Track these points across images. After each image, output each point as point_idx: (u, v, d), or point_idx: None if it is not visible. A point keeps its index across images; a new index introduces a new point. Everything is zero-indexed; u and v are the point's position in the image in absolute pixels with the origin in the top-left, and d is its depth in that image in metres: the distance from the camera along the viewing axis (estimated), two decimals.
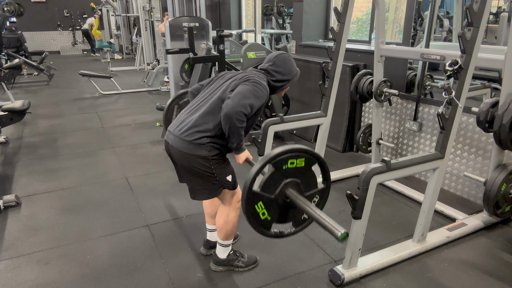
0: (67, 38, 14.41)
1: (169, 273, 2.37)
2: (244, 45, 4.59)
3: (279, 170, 1.68)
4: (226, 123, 1.92)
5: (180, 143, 2.03)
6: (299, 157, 1.71)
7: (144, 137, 4.94)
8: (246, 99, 1.94)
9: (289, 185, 1.72)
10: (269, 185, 1.69)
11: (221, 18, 8.47)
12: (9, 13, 7.16)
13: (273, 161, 1.66)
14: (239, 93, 1.97)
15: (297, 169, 1.72)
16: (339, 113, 4.29)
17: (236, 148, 2.05)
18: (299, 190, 1.74)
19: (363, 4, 5.77)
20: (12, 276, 2.36)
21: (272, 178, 1.68)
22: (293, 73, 2.21)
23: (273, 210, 1.74)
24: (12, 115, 3.98)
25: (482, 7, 2.17)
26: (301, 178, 1.75)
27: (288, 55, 2.22)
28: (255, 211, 1.70)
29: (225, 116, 1.91)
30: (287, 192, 1.72)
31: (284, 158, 1.68)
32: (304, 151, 1.73)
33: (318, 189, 1.83)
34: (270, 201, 1.71)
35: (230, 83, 2.08)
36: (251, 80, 2.05)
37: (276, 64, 2.17)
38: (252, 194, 1.66)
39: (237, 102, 1.92)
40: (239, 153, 2.09)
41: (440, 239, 2.62)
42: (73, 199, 3.34)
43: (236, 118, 1.91)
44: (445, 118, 2.30)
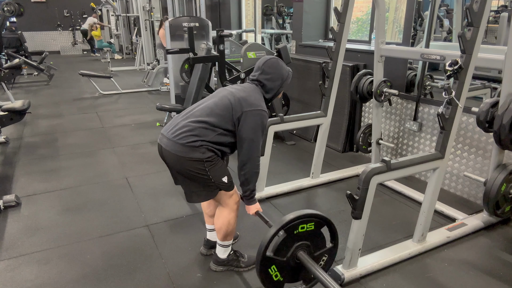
0: (67, 38, 14.41)
1: (169, 273, 2.37)
2: (244, 45, 4.59)
3: (290, 235, 1.79)
4: (246, 173, 2.07)
5: (174, 146, 2.02)
6: (309, 222, 1.82)
7: (144, 137, 4.94)
8: (258, 142, 2.07)
9: (300, 248, 1.83)
10: (281, 249, 1.80)
11: (221, 18, 8.47)
12: (9, 13, 7.16)
13: (285, 227, 1.76)
14: (252, 140, 2.04)
15: (307, 232, 1.83)
16: (339, 113, 4.29)
17: (249, 197, 2.16)
18: (309, 251, 1.86)
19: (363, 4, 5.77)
20: (12, 276, 2.36)
21: (284, 242, 1.79)
22: (284, 76, 2.20)
23: (285, 272, 1.85)
24: (12, 115, 3.98)
25: (482, 7, 2.17)
26: (311, 240, 1.86)
27: (275, 59, 2.21)
28: (268, 274, 1.82)
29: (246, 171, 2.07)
30: (298, 254, 1.83)
31: (295, 224, 1.78)
32: (314, 216, 1.83)
33: (327, 248, 1.94)
34: (282, 264, 1.82)
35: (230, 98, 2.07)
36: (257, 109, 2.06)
37: (265, 72, 2.16)
38: (266, 259, 1.77)
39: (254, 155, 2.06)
40: (251, 204, 2.19)
41: (440, 239, 2.62)
42: (73, 199, 3.34)
43: (255, 171, 2.09)
44: (445, 118, 2.30)
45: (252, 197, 2.16)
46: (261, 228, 2.76)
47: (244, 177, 2.09)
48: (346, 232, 2.35)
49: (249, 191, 2.13)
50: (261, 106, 2.09)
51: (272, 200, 3.28)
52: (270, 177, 3.35)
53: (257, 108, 2.06)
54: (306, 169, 3.71)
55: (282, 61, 2.24)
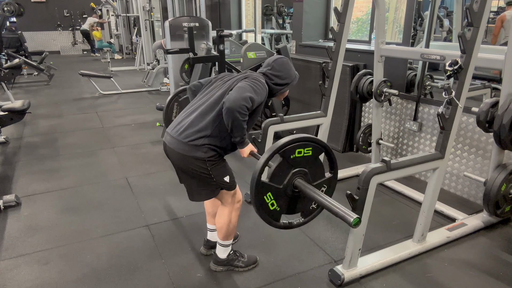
0: (67, 38, 14.41)
1: (169, 273, 2.37)
2: (244, 45, 4.59)
3: (286, 160, 1.69)
4: (229, 117, 1.91)
5: (177, 145, 2.03)
6: (306, 146, 1.72)
7: (144, 137, 4.94)
8: (247, 92, 1.94)
9: (297, 174, 1.73)
10: (277, 176, 1.70)
11: (221, 18, 8.47)
12: (9, 13, 7.15)
13: (281, 150, 1.66)
14: (240, 87, 1.97)
15: (304, 158, 1.73)
16: (339, 113, 4.29)
17: (239, 142, 2.05)
18: (307, 179, 1.75)
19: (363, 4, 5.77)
20: (12, 276, 2.36)
21: (280, 168, 1.69)
22: (291, 77, 2.21)
23: (282, 201, 1.75)
24: (12, 115, 3.98)
25: (482, 7, 2.17)
26: (309, 167, 1.75)
27: (286, 59, 2.22)
28: (264, 202, 1.70)
29: (227, 111, 1.90)
30: (296, 182, 1.73)
31: (292, 148, 1.68)
32: (311, 140, 1.74)
33: (326, 178, 1.84)
34: (278, 192, 1.72)
35: (229, 84, 2.08)
36: (250, 77, 2.07)
37: (275, 69, 2.17)
38: (261, 185, 1.67)
39: (238, 96, 1.91)
40: (243, 147, 2.08)
41: (440, 239, 2.62)
42: (73, 199, 3.34)
43: (238, 111, 1.89)
44: (445, 118, 2.30)
45: (243, 141, 2.05)
46: (261, 228, 2.76)
47: (232, 124, 1.93)
48: (346, 232, 2.35)
49: (239, 137, 2.02)
50: (259, 80, 2.07)
51: None
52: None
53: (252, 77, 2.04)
54: None
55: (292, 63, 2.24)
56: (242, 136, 2.01)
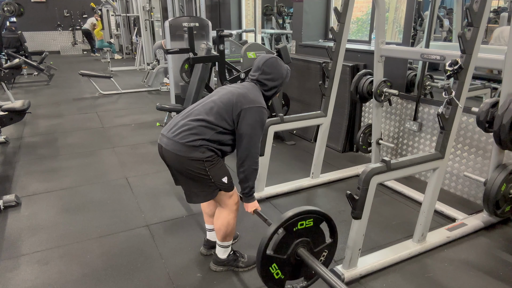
0: (67, 38, 14.41)
1: (169, 273, 2.37)
2: (244, 45, 4.59)
3: (290, 233, 1.79)
4: (243, 171, 2.07)
5: (174, 146, 2.02)
6: (308, 218, 1.82)
7: (144, 137, 4.95)
8: (257, 139, 2.07)
9: (299, 244, 1.83)
10: (281, 247, 1.79)
11: (221, 18, 8.47)
12: (9, 13, 7.17)
13: (284, 225, 1.76)
14: (251, 136, 2.04)
15: (306, 228, 1.83)
16: (339, 113, 4.29)
17: (247, 195, 2.15)
18: (309, 247, 1.86)
19: (363, 4, 5.78)
20: (12, 276, 2.36)
21: (284, 240, 1.79)
22: (283, 75, 2.20)
23: (286, 269, 1.85)
24: (12, 115, 3.98)
25: (482, 7, 2.17)
26: (311, 236, 1.86)
27: (274, 58, 2.20)
28: (269, 272, 1.81)
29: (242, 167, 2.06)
30: (299, 251, 1.83)
31: (294, 221, 1.78)
32: (313, 212, 1.83)
33: (326, 243, 1.94)
34: (283, 262, 1.82)
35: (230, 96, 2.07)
36: (256, 106, 2.06)
37: (265, 72, 2.16)
38: (266, 258, 1.77)
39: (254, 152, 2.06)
40: (249, 202, 2.18)
41: (440, 239, 2.62)
42: (73, 199, 3.34)
43: (254, 168, 2.07)
44: (445, 118, 2.30)
45: (251, 195, 2.15)
46: (260, 228, 2.76)
47: (243, 174, 2.08)
48: (346, 232, 2.35)
49: (248, 189, 2.12)
50: (261, 103, 2.09)
51: (272, 200, 3.28)
52: (269, 177, 3.35)
53: (256, 105, 2.06)
54: (306, 169, 3.71)
55: (280, 59, 2.24)
56: (251, 187, 2.13)
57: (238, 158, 2.07)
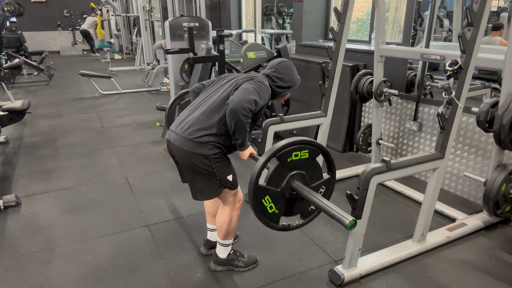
0: (67, 38, 14.40)
1: (169, 273, 2.37)
2: (244, 45, 4.59)
3: (283, 163, 1.70)
4: (232, 118, 1.93)
5: (182, 141, 2.04)
6: (303, 149, 1.73)
7: (144, 137, 4.94)
8: (251, 95, 1.97)
9: (294, 177, 1.74)
10: (274, 179, 1.71)
11: (221, 18, 8.47)
12: (9, 13, 7.16)
13: (277, 154, 1.67)
14: (244, 89, 1.99)
15: (301, 160, 1.74)
16: (339, 113, 4.29)
17: (240, 145, 2.07)
18: (305, 181, 1.76)
19: (363, 4, 5.78)
20: (12, 276, 2.36)
21: (277, 171, 1.70)
22: (294, 80, 2.24)
23: (281, 203, 1.76)
24: (12, 115, 3.98)
25: (482, 7, 2.17)
26: (306, 169, 1.76)
27: (290, 63, 2.25)
28: (263, 205, 1.71)
29: (231, 112, 1.92)
30: (293, 184, 1.74)
31: (288, 151, 1.69)
32: (308, 142, 1.74)
33: (324, 179, 1.85)
34: (276, 195, 1.73)
35: (233, 83, 2.10)
36: (255, 80, 2.08)
37: (278, 71, 2.19)
38: (259, 188, 1.68)
39: (242, 98, 1.93)
40: (244, 149, 2.11)
41: (440, 239, 2.62)
42: (73, 199, 3.34)
43: (242, 113, 1.91)
44: (445, 118, 2.30)
45: (244, 143, 2.07)
46: (261, 228, 2.76)
47: (235, 126, 1.95)
48: (346, 232, 2.35)
49: (241, 140, 2.03)
50: (263, 82, 2.09)
51: None
52: None
53: (257, 80, 2.06)
54: None
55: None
56: (243, 138, 2.03)
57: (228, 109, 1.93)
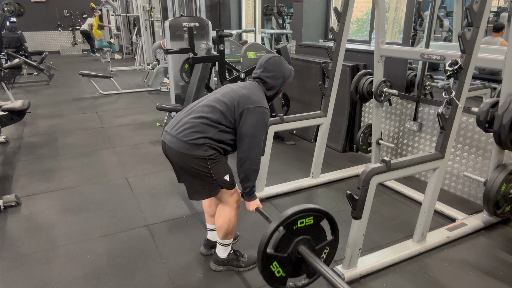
0: (67, 38, 14.40)
1: (169, 273, 2.37)
2: (244, 45, 4.59)
3: (290, 231, 1.78)
4: (244, 171, 2.06)
5: (177, 143, 2.03)
6: (308, 216, 1.81)
7: (144, 137, 4.94)
8: (259, 139, 2.06)
9: (300, 242, 1.82)
10: (281, 245, 1.79)
11: (221, 18, 8.47)
12: (9, 13, 7.16)
13: (284, 224, 1.75)
14: (253, 137, 2.04)
15: (306, 226, 1.82)
16: (339, 113, 4.29)
17: (248, 194, 2.15)
18: (310, 245, 1.85)
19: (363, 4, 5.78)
20: (12, 276, 2.36)
21: (284, 238, 1.78)
22: (286, 74, 2.20)
23: (287, 267, 1.84)
24: (12, 115, 3.98)
25: (482, 7, 2.17)
26: (311, 234, 1.85)
27: (278, 57, 2.21)
28: (271, 270, 1.80)
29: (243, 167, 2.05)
30: (299, 249, 1.82)
31: (294, 219, 1.77)
32: (313, 210, 1.82)
33: (328, 241, 1.93)
34: (283, 260, 1.81)
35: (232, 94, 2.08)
36: (258, 106, 2.06)
37: (267, 70, 2.17)
38: (267, 256, 1.76)
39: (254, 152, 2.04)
40: (251, 200, 2.18)
41: (440, 239, 2.62)
42: (73, 199, 3.34)
43: (254, 168, 2.07)
44: (445, 118, 2.30)
45: (252, 193, 2.15)
46: (261, 228, 2.77)
47: (244, 174, 2.08)
48: (346, 232, 2.35)
49: (249, 188, 2.12)
50: (263, 103, 2.10)
51: (272, 200, 3.28)
52: (269, 177, 3.35)
53: (258, 105, 2.06)
54: (306, 169, 3.71)
55: (285, 59, 2.24)
56: (252, 187, 2.12)
57: (238, 158, 2.07)
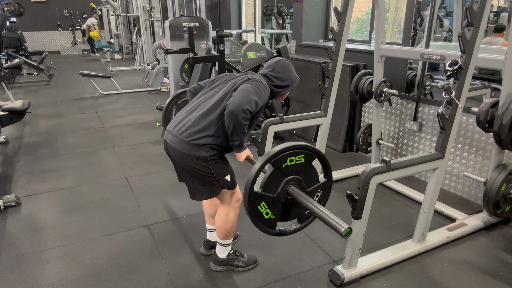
0: (67, 38, 14.41)
1: (169, 273, 2.37)
2: (244, 45, 4.59)
3: (278, 169, 1.69)
4: (231, 120, 1.92)
5: (179, 143, 2.03)
6: (298, 154, 1.72)
7: (144, 137, 4.94)
8: (250, 96, 1.96)
9: (290, 182, 1.73)
10: (270, 185, 1.70)
11: (221, 18, 8.47)
12: (9, 13, 7.16)
13: (272, 160, 1.66)
14: (243, 90, 1.98)
15: (297, 165, 1.72)
16: (339, 113, 4.29)
17: (238, 146, 2.06)
18: (300, 186, 1.75)
19: (363, 4, 5.78)
20: (12, 276, 2.36)
21: (273, 177, 1.69)
22: (292, 79, 2.22)
23: (277, 209, 1.75)
24: (12, 115, 3.98)
25: (482, 7, 2.17)
26: (302, 174, 1.75)
27: (288, 61, 2.23)
28: (258, 211, 1.71)
29: (230, 114, 1.91)
30: (289, 189, 1.72)
31: (283, 156, 1.68)
32: (302, 147, 1.73)
33: (320, 183, 1.84)
34: (272, 200, 1.72)
35: (231, 84, 2.09)
36: (253, 79, 2.08)
37: (276, 70, 2.18)
38: (254, 195, 1.67)
39: (242, 99, 1.93)
40: (240, 151, 2.10)
41: (440, 239, 2.62)
42: (73, 199, 3.34)
43: (241, 115, 1.91)
44: (445, 118, 2.30)
45: (241, 145, 2.07)
46: None
47: (233, 128, 1.94)
48: None
49: (238, 141, 2.03)
50: (262, 82, 2.09)
51: None
52: None
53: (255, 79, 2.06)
54: None
55: (293, 65, 2.25)
56: (241, 140, 2.03)
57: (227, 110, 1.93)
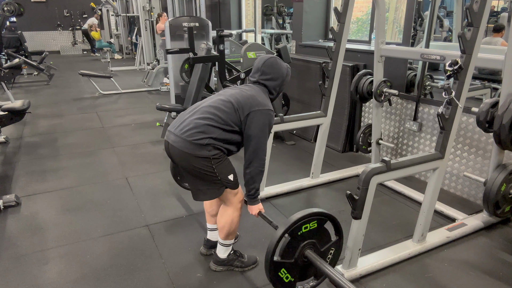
0: (67, 38, 14.41)
1: (169, 273, 2.37)
2: (244, 45, 4.59)
3: (295, 237, 1.82)
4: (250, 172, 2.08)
5: (182, 143, 2.03)
6: (312, 221, 1.84)
7: (144, 137, 4.94)
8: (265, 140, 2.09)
9: (306, 246, 1.86)
10: (288, 252, 1.82)
11: (221, 18, 8.47)
12: (9, 13, 7.16)
13: (289, 231, 1.79)
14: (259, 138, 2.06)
15: (311, 231, 1.86)
16: (339, 113, 4.29)
17: (252, 197, 2.15)
18: (315, 248, 1.89)
19: (363, 4, 5.78)
20: (12, 276, 2.36)
21: (290, 245, 1.82)
22: (283, 74, 2.21)
23: (295, 272, 1.87)
24: (12, 115, 3.98)
25: (482, 7, 2.17)
26: (316, 237, 1.88)
27: (273, 58, 2.21)
28: (279, 277, 1.83)
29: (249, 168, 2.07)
30: (305, 253, 1.85)
31: (299, 226, 1.81)
32: (316, 214, 1.85)
33: (332, 242, 1.96)
34: (291, 265, 1.85)
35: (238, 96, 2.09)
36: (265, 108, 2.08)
37: (265, 72, 2.18)
38: (274, 264, 1.79)
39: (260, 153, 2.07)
40: (254, 204, 2.18)
41: (440, 239, 2.62)
42: (73, 199, 3.34)
43: (260, 169, 2.08)
44: (445, 118, 2.30)
45: (255, 197, 2.15)
46: (261, 228, 2.77)
47: (250, 175, 2.09)
48: (346, 232, 2.35)
49: (254, 190, 2.12)
50: (269, 106, 2.12)
51: (272, 200, 3.28)
52: (269, 177, 3.35)
53: (264, 108, 2.08)
54: (306, 169, 3.71)
55: (280, 58, 2.24)
56: (256, 189, 2.13)
57: (245, 159, 2.09)
